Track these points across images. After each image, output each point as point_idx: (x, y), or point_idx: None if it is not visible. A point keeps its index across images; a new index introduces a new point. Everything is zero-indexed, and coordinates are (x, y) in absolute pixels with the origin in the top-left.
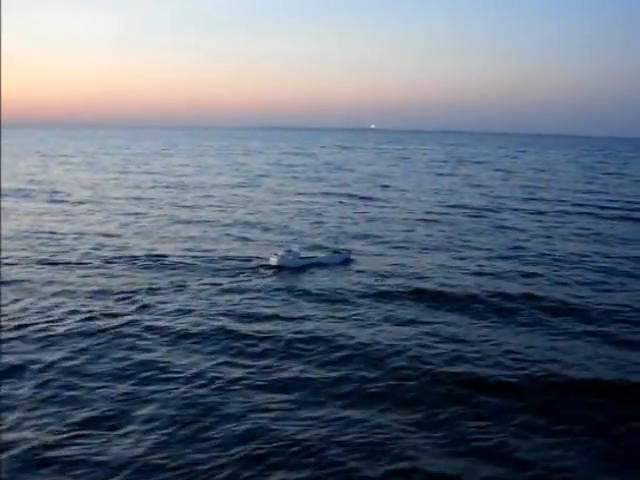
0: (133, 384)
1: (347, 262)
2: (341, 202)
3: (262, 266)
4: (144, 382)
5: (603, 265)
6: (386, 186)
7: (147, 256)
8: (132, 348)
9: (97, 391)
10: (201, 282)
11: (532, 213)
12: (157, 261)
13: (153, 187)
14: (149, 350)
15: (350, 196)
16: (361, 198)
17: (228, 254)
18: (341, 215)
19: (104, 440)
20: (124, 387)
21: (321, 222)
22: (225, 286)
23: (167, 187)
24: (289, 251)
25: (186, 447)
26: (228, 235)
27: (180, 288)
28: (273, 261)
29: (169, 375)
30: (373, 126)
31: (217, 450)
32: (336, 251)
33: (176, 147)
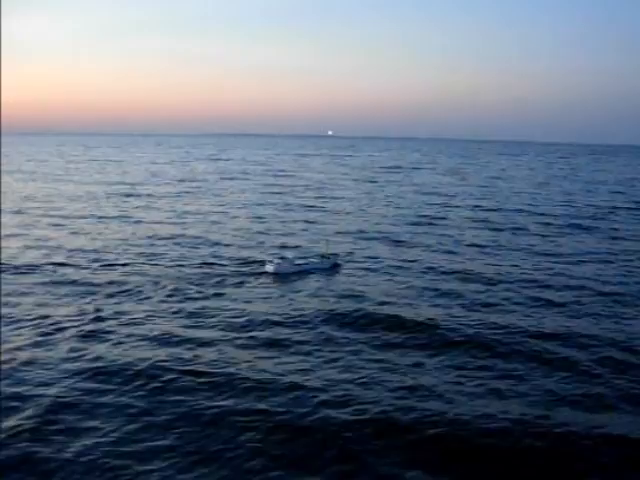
0: None
1: (335, 266)
2: (287, 211)
3: (255, 274)
4: None
5: (562, 284)
6: (335, 197)
7: (97, 265)
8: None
9: None
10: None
11: (481, 221)
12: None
13: (106, 197)
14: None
15: (299, 206)
16: (307, 207)
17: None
18: (285, 226)
19: None
20: None
21: (267, 232)
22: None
23: (119, 196)
24: (283, 258)
25: None
26: (180, 245)
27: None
28: (269, 269)
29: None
30: (330, 132)
31: None
32: (324, 256)
33: (132, 153)
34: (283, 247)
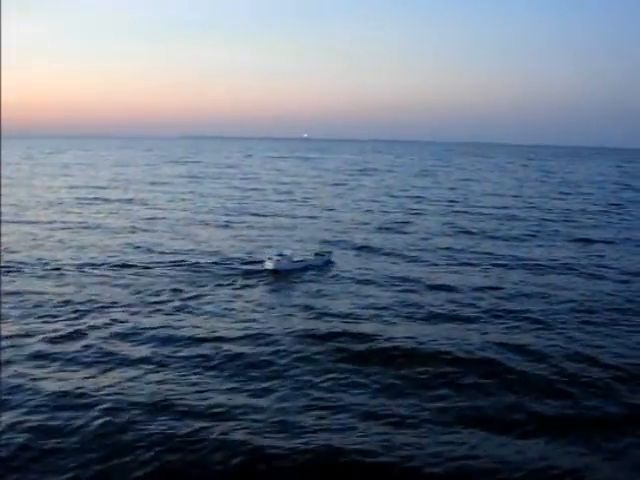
0: None
1: (329, 264)
2: (253, 215)
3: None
4: None
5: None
6: (305, 200)
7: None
8: None
9: None
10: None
11: (450, 225)
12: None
13: (69, 202)
14: None
15: (265, 210)
16: (274, 212)
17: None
18: (252, 232)
19: None
20: None
21: (234, 237)
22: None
23: (81, 201)
24: (282, 255)
25: None
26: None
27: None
28: (269, 265)
29: None
30: (306, 135)
31: None
32: (318, 253)
33: (101, 157)
34: (251, 253)
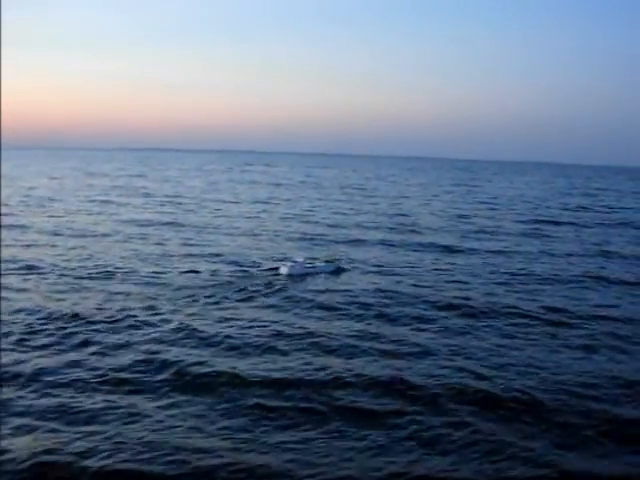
0: None
1: (338, 271)
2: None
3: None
4: None
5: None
6: (227, 216)
7: None
8: None
9: None
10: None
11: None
12: None
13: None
14: None
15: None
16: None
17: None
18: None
19: None
20: None
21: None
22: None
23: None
24: (295, 261)
25: None
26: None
27: None
28: (283, 271)
29: None
30: (251, 148)
31: None
32: (328, 260)
33: (28, 168)
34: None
